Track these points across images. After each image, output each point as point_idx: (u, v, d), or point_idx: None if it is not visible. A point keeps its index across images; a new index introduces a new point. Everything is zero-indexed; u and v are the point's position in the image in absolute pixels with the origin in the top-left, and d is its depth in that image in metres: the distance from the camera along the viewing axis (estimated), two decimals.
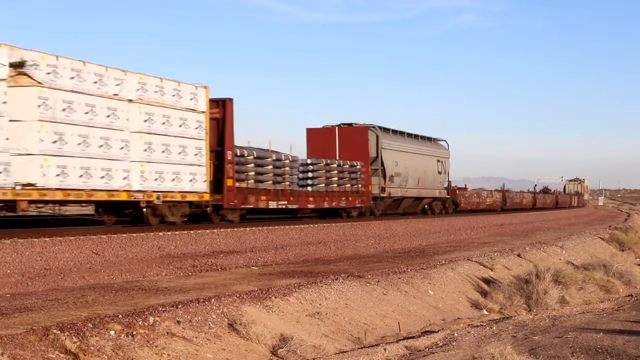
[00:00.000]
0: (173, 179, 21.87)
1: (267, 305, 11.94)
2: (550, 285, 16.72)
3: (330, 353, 10.94)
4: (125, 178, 20.06)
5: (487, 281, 18.65)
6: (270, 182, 28.12)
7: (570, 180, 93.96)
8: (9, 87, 16.98)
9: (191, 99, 22.70)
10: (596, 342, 10.50)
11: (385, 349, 10.95)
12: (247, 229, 23.18)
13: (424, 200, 43.56)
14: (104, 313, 9.98)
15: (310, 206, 31.25)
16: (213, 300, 11.37)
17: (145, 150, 20.80)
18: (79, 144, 18.64)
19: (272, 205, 28.25)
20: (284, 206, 28.98)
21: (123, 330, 9.42)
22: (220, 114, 25.26)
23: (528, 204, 69.00)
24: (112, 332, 9.28)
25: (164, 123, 21.50)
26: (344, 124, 37.10)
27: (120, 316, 9.80)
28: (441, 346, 11.12)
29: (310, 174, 31.29)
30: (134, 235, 18.96)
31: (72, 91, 18.45)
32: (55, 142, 17.96)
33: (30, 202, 18.06)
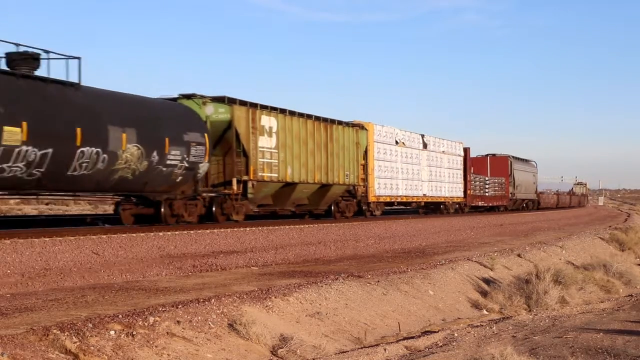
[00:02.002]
0: (449, 190, 46.76)
1: (267, 305, 11.94)
2: (550, 285, 16.72)
3: (330, 353, 10.95)
4: (420, 187, 42.27)
5: (487, 281, 18.66)
6: (479, 190, 53.15)
7: (576, 184, 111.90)
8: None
9: (452, 148, 47.59)
10: (596, 342, 10.50)
11: (385, 349, 10.95)
12: (247, 229, 23.18)
13: (526, 200, 66.66)
14: (104, 313, 9.99)
15: (488, 204, 55.13)
16: (213, 300, 11.37)
17: (429, 174, 43.56)
18: (407, 172, 40.24)
19: (481, 203, 53.72)
20: (483, 204, 54.36)
21: (123, 330, 9.43)
22: (464, 156, 49.37)
23: (554, 203, 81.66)
24: (112, 332, 9.28)
25: (437, 160, 44.75)
26: (491, 154, 59.92)
27: (120, 316, 9.80)
28: (441, 346, 11.12)
29: (487, 186, 54.82)
30: (134, 235, 18.97)
31: (409, 147, 40.98)
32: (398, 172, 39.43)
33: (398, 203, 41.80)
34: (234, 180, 25.20)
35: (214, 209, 24.59)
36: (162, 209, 22.53)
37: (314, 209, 31.58)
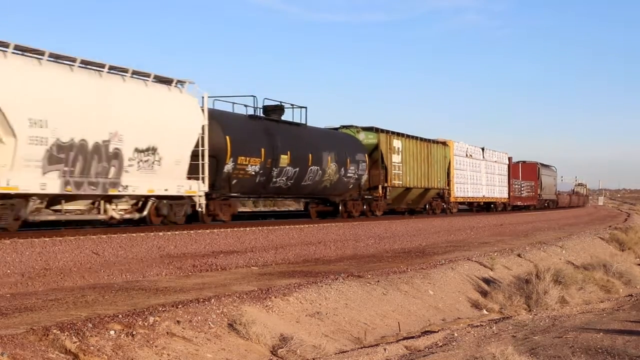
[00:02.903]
0: (493, 191, 55.55)
1: (267, 305, 11.94)
2: (550, 285, 16.73)
3: (330, 353, 10.95)
4: (479, 189, 51.62)
5: (487, 281, 18.66)
6: (517, 192, 63.43)
7: (576, 185, 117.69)
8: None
9: (501, 158, 57.90)
10: (596, 342, 10.50)
11: (385, 349, 10.95)
12: (247, 229, 23.19)
13: (548, 200, 75.81)
14: (104, 313, 9.98)
15: (523, 203, 65.86)
16: (213, 300, 11.37)
17: (486, 179, 53.53)
18: (473, 178, 50.03)
19: (519, 203, 64.24)
20: (520, 203, 64.96)
21: (123, 330, 9.43)
22: (509, 164, 60.13)
23: (567, 203, 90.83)
24: (112, 332, 9.28)
25: (491, 168, 55.13)
26: (522, 161, 68.78)
27: (120, 316, 9.80)
28: (441, 346, 11.12)
29: (522, 188, 65.36)
30: (134, 235, 18.97)
31: (475, 158, 51.03)
32: (467, 178, 49.39)
33: (467, 203, 52.95)
34: (380, 187, 35.71)
35: (365, 207, 34.73)
36: (340, 207, 33.08)
37: (416, 207, 42.70)
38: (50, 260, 14.95)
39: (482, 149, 53.83)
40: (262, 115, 28.15)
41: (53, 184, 17.99)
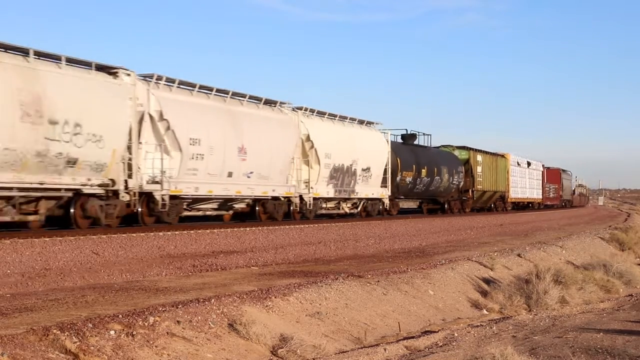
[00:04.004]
0: (533, 193, 69.01)
1: (267, 305, 11.94)
2: (550, 285, 16.72)
3: (330, 353, 10.95)
4: (525, 191, 66.06)
5: (487, 281, 18.66)
6: (547, 193, 75.30)
7: (577, 186, 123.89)
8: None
9: (537, 166, 71.06)
10: (596, 342, 10.50)
11: (385, 349, 10.95)
12: (247, 229, 23.20)
13: (565, 200, 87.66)
14: (104, 313, 9.98)
15: (551, 203, 77.42)
16: (213, 300, 11.37)
17: (529, 183, 67.64)
18: (521, 183, 64.46)
19: (548, 202, 75.86)
20: (549, 203, 76.47)
21: (123, 330, 9.42)
22: (543, 170, 73.60)
23: (579, 202, 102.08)
24: (112, 332, 9.27)
25: (532, 174, 68.37)
26: (547, 167, 77.39)
27: (120, 316, 9.80)
28: (441, 346, 11.12)
29: (550, 190, 77.11)
30: (134, 235, 18.98)
31: (522, 167, 64.58)
32: (518, 183, 63.89)
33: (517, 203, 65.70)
34: (470, 190, 49.88)
35: (460, 205, 49.19)
36: (445, 206, 47.04)
37: (484, 206, 55.97)
38: (50, 260, 14.95)
39: (526, 160, 67.80)
40: (401, 140, 42.34)
41: (331, 191, 32.42)
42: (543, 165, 75.19)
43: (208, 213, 26.29)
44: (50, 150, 18.93)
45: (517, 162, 62.78)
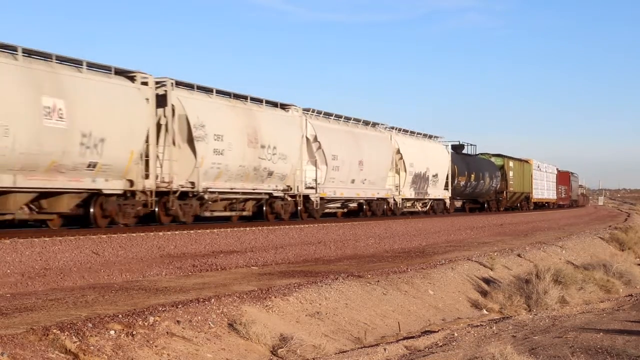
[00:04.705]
0: (549, 194, 77.98)
1: (267, 305, 11.94)
2: (550, 285, 16.71)
3: (330, 353, 10.95)
4: (543, 192, 75.69)
5: (487, 281, 18.65)
6: (559, 194, 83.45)
7: (579, 186, 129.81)
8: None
9: (553, 169, 79.61)
10: (596, 342, 10.50)
11: (385, 349, 10.94)
12: (247, 228, 23.21)
13: (573, 200, 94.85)
14: (104, 313, 9.98)
15: (563, 203, 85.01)
16: (213, 300, 11.37)
17: (546, 185, 76.54)
18: (539, 184, 72.24)
19: (561, 202, 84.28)
20: (561, 203, 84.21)
21: (123, 330, 9.42)
22: (557, 173, 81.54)
23: (583, 202, 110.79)
24: (112, 332, 9.27)
25: (548, 177, 77.56)
26: (559, 169, 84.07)
27: (120, 316, 9.80)
28: (441, 346, 11.12)
29: (562, 191, 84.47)
30: (134, 235, 18.98)
31: (540, 171, 73.38)
32: (537, 185, 72.86)
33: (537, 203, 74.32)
34: (504, 192, 59.26)
35: (496, 204, 58.05)
36: (485, 205, 56.46)
37: (513, 205, 64.17)
38: (50, 260, 14.95)
39: (544, 164, 75.87)
40: (452, 150, 49.09)
41: (412, 193, 41.35)
42: (557, 169, 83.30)
43: (333, 210, 35.59)
44: (261, 165, 27.72)
45: (538, 167, 71.65)
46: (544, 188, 74.48)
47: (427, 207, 44.72)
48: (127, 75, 22.12)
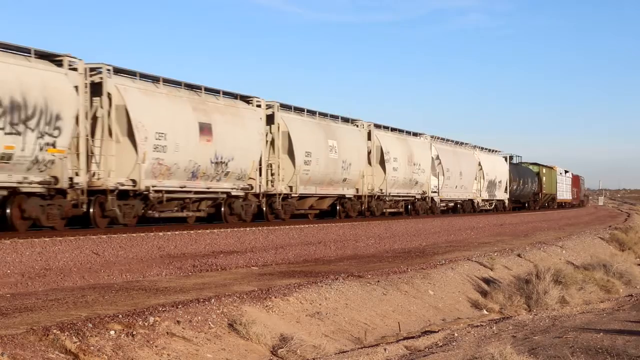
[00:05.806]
0: (567, 195, 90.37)
1: (267, 305, 11.94)
2: (550, 285, 16.71)
3: (330, 353, 10.95)
4: (563, 194, 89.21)
5: (487, 281, 18.65)
6: (572, 195, 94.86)
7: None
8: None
9: (569, 174, 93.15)
10: (596, 342, 10.49)
11: (385, 349, 10.95)
12: (247, 229, 23.21)
13: (580, 200, 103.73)
14: (104, 313, 9.98)
15: (576, 202, 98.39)
16: (213, 300, 11.37)
17: (565, 187, 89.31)
18: (560, 187, 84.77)
19: (573, 202, 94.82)
20: (574, 202, 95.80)
21: (123, 330, 9.43)
22: (572, 177, 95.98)
23: (587, 202, 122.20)
24: (112, 332, 9.28)
25: (566, 180, 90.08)
26: (566, 170, 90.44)
27: (120, 316, 9.80)
28: (441, 346, 11.12)
29: (574, 192, 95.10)
30: (134, 235, 18.98)
31: (561, 175, 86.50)
32: (559, 187, 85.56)
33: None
34: (540, 193, 71.65)
35: (533, 204, 69.91)
36: (526, 204, 68.05)
37: (543, 204, 74.08)
38: (50, 260, 14.95)
39: (564, 169, 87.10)
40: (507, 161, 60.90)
41: (487, 195, 55.53)
42: (572, 173, 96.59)
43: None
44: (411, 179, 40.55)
45: (560, 172, 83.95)
46: (564, 190, 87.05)
47: (493, 206, 57.13)
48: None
